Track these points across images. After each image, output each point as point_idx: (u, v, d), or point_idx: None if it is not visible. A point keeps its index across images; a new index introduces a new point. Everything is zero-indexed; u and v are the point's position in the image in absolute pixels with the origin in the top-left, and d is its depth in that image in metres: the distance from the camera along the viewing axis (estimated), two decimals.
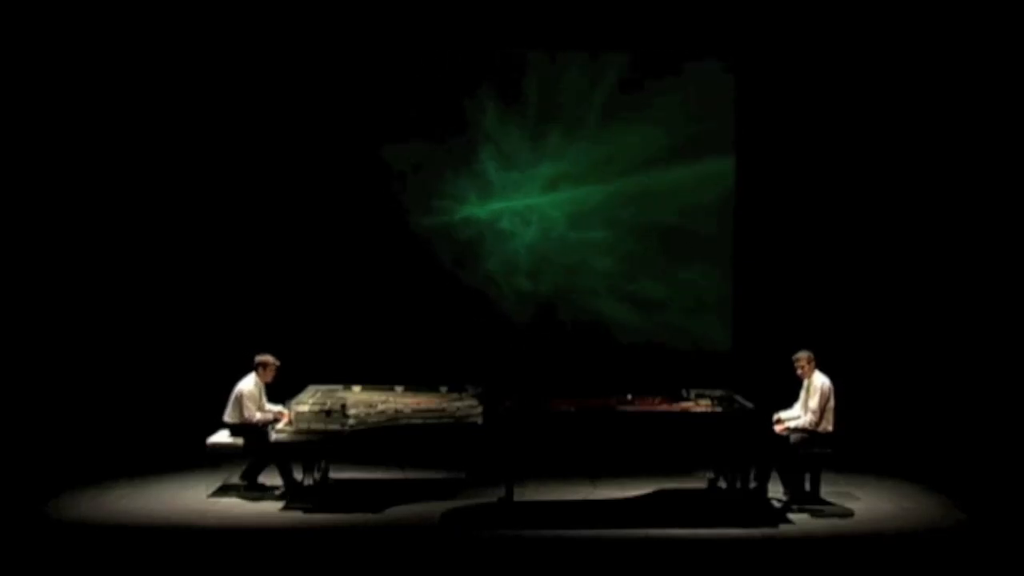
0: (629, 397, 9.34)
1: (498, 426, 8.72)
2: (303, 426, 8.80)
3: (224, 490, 9.30)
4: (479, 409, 9.04)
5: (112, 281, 11.50)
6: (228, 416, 9.24)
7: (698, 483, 9.60)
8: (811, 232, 11.67)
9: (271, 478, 9.27)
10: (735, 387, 9.36)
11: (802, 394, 9.13)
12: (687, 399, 9.33)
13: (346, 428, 8.80)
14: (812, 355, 9.14)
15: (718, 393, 9.29)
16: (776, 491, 9.00)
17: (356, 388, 9.75)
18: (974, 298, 11.47)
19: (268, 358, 9.38)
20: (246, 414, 9.16)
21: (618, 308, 11.86)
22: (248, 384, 9.24)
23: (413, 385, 9.76)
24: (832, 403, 8.96)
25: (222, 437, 9.24)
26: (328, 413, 8.82)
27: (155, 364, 11.41)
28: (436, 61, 11.67)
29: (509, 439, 8.66)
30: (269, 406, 9.37)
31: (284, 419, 9.05)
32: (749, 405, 8.91)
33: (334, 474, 9.58)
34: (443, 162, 11.82)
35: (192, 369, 10.89)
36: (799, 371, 9.13)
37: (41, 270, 11.38)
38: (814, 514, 8.74)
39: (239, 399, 9.18)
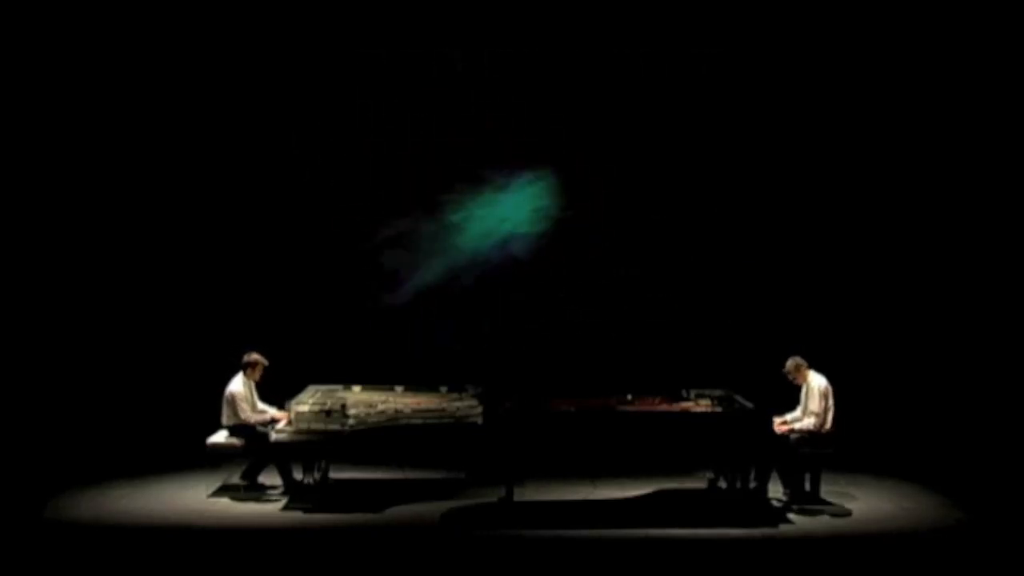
0: (629, 397, 9.34)
1: (498, 426, 8.72)
2: (303, 426, 8.81)
3: (224, 490, 9.30)
4: (479, 409, 9.03)
5: (112, 282, 11.49)
6: (225, 419, 9.27)
7: (698, 483, 9.60)
8: (811, 231, 11.67)
9: (271, 478, 9.28)
10: (735, 387, 9.36)
11: (802, 398, 9.12)
12: (687, 399, 9.33)
13: (346, 428, 8.81)
14: (799, 361, 9.10)
15: (718, 393, 9.28)
16: (776, 491, 9.00)
17: (356, 388, 9.75)
18: (973, 298, 11.47)
19: (256, 357, 9.38)
20: (241, 415, 9.17)
21: None
22: (237, 385, 9.26)
23: (413, 385, 9.76)
24: (832, 402, 8.96)
25: (222, 437, 9.25)
26: (328, 413, 8.82)
27: (154, 365, 11.40)
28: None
29: (509, 439, 8.66)
30: (263, 406, 9.39)
31: (283, 420, 9.06)
32: (749, 405, 8.90)
33: (334, 474, 9.58)
34: None
35: (191, 369, 10.87)
36: (792, 380, 9.12)
37: (41, 271, 11.37)
38: (814, 514, 8.74)
39: (231, 401, 9.20)
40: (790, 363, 9.10)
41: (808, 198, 11.64)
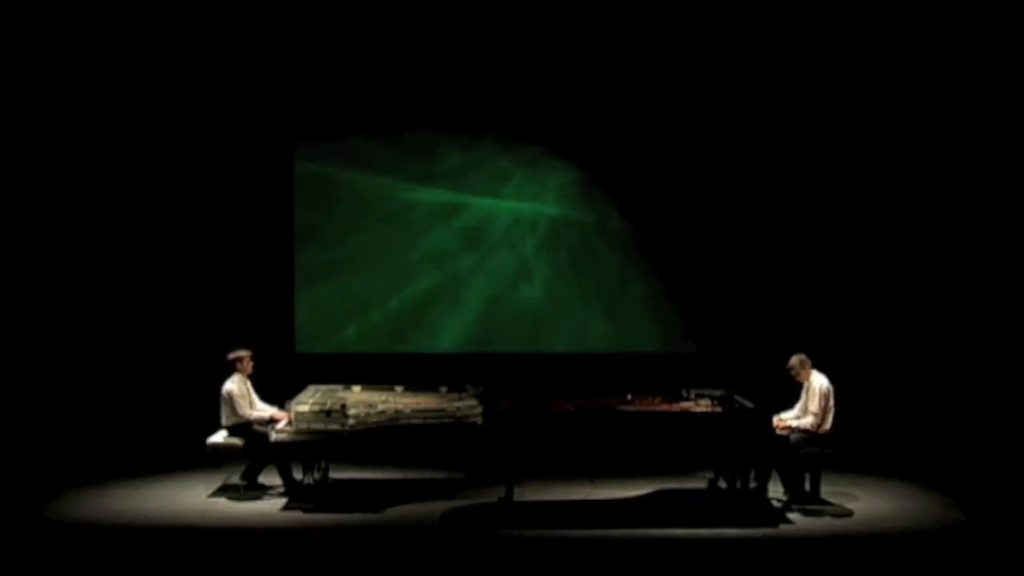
0: (629, 397, 9.34)
1: (498, 426, 8.72)
2: (303, 426, 8.81)
3: (224, 490, 9.30)
4: (479, 409, 9.05)
5: (111, 282, 11.48)
6: (224, 419, 9.28)
7: (698, 483, 9.60)
8: (811, 231, 11.66)
9: (271, 478, 9.28)
10: (735, 387, 9.36)
11: (803, 395, 9.12)
12: (687, 399, 9.32)
13: (346, 428, 8.81)
14: (804, 358, 9.11)
15: (718, 393, 9.28)
16: (776, 491, 9.00)
17: (356, 388, 9.75)
18: (973, 298, 11.47)
19: (240, 352, 9.42)
20: (240, 412, 9.18)
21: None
22: (232, 383, 9.27)
23: (413, 385, 9.76)
24: (832, 403, 8.96)
25: (222, 437, 9.25)
26: (328, 413, 8.82)
27: (154, 364, 11.39)
28: None
29: (509, 439, 8.66)
30: (262, 405, 9.40)
31: (283, 419, 9.07)
32: (749, 405, 8.90)
33: (334, 474, 9.58)
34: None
35: (191, 369, 10.87)
36: (795, 377, 9.12)
37: (41, 272, 11.36)
38: (814, 514, 8.74)
39: (228, 400, 9.21)
40: (795, 359, 9.11)
41: (807, 198, 11.62)
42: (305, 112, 11.64)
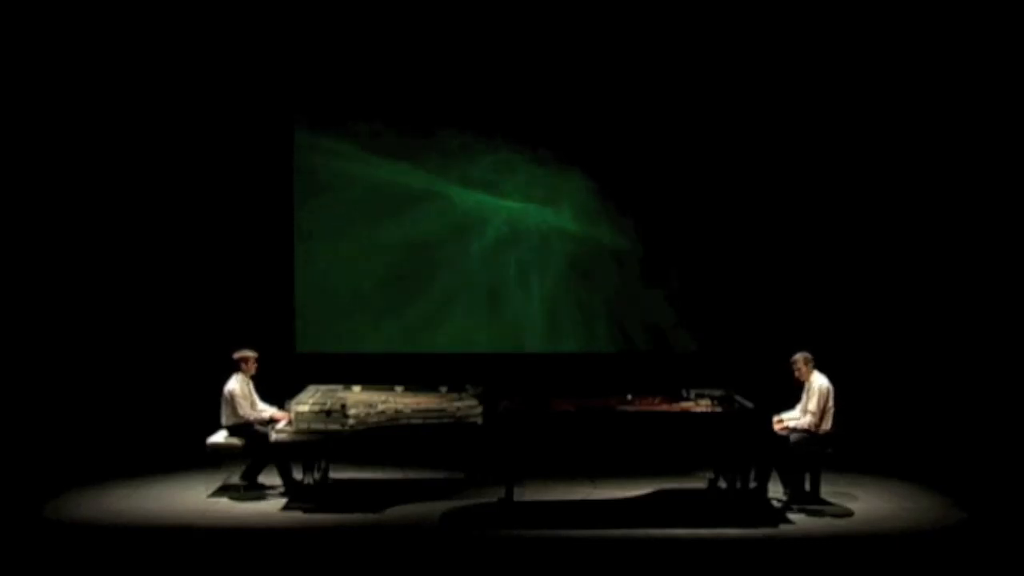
0: (629, 397, 9.34)
1: (498, 426, 8.72)
2: (303, 426, 8.81)
3: (224, 490, 9.30)
4: (479, 409, 9.05)
5: (111, 282, 11.48)
6: (225, 419, 9.28)
7: (698, 483, 9.60)
8: (811, 230, 11.66)
9: (271, 478, 9.28)
10: (735, 387, 9.36)
11: (803, 395, 9.12)
12: (687, 399, 9.33)
13: (346, 428, 8.81)
14: (809, 356, 9.13)
15: (718, 393, 9.28)
16: (776, 491, 9.00)
17: (356, 388, 9.75)
18: (973, 298, 11.47)
19: (246, 352, 9.43)
20: (240, 412, 9.19)
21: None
22: (234, 383, 9.27)
23: (413, 385, 9.76)
24: (831, 404, 8.95)
25: (222, 437, 9.25)
26: (328, 413, 8.82)
27: (154, 364, 11.39)
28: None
29: (509, 439, 8.66)
30: (262, 405, 9.40)
31: (283, 419, 9.07)
32: (749, 405, 8.90)
33: (334, 474, 9.59)
34: None
35: (191, 369, 10.87)
36: (797, 374, 9.12)
37: (41, 272, 11.36)
38: (814, 514, 8.74)
39: (230, 399, 9.21)
40: (799, 356, 9.11)
41: (808, 198, 11.62)
42: (304, 109, 11.64)
